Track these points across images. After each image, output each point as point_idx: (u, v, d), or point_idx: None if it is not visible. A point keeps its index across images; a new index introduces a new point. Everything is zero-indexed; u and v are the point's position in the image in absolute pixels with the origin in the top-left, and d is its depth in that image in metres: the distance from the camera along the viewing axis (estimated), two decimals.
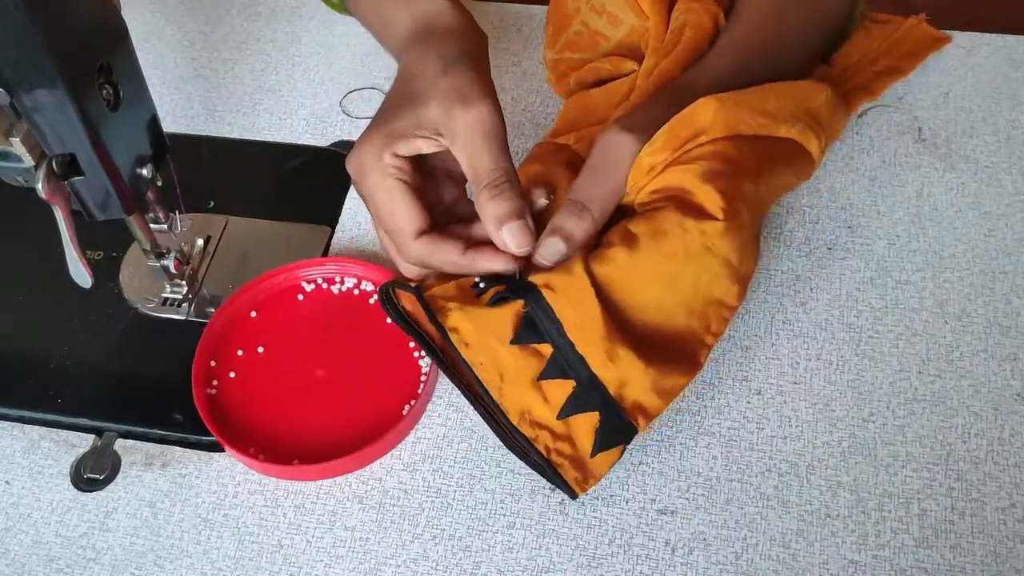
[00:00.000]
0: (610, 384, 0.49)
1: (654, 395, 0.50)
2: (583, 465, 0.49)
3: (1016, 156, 0.64)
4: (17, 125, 0.44)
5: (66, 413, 0.56)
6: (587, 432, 0.49)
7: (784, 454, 0.52)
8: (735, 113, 0.51)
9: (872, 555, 0.49)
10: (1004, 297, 0.57)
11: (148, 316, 0.59)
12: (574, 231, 0.50)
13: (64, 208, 0.48)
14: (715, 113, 0.51)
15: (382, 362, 0.56)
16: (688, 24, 0.58)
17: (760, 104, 0.52)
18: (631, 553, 0.50)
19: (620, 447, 0.50)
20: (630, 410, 0.49)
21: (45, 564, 0.51)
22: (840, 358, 0.56)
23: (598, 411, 0.49)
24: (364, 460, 0.53)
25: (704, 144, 0.51)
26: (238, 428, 0.54)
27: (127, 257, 0.62)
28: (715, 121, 0.51)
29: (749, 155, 0.52)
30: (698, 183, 0.50)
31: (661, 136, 0.51)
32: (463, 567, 0.50)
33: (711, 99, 0.51)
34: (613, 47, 0.63)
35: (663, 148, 0.51)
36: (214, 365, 0.56)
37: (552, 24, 0.65)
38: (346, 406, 0.55)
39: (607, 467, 0.50)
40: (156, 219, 0.57)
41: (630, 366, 0.49)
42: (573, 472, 0.49)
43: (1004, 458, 0.52)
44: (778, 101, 0.53)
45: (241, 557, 0.51)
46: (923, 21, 0.68)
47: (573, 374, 0.49)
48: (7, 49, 0.40)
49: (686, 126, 0.51)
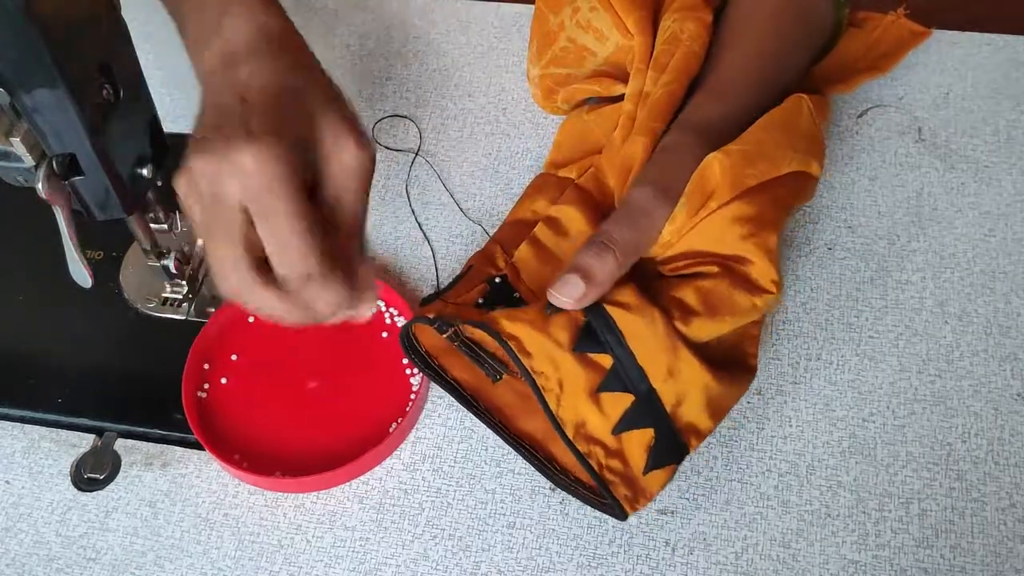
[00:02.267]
0: (667, 401, 0.48)
1: (707, 415, 0.49)
2: (635, 483, 0.49)
3: (1016, 156, 0.64)
4: (17, 125, 0.44)
5: (66, 413, 0.56)
6: (640, 449, 0.48)
7: (784, 454, 0.52)
8: (736, 168, 0.50)
9: (872, 555, 0.49)
10: (1004, 297, 0.57)
11: (148, 316, 0.59)
12: (595, 270, 0.48)
13: (64, 208, 0.48)
14: (721, 175, 0.50)
15: (374, 377, 0.56)
16: (684, 33, 0.57)
17: (756, 150, 0.52)
18: (631, 553, 0.50)
19: (672, 467, 0.49)
20: (684, 429, 0.49)
21: (45, 564, 0.51)
22: (840, 358, 0.56)
23: (653, 428, 0.48)
24: (344, 477, 0.53)
25: (717, 210, 0.50)
26: (225, 434, 0.54)
27: (127, 257, 0.62)
28: (722, 181, 0.50)
29: (765, 208, 0.51)
30: (742, 245, 0.50)
31: (681, 210, 0.50)
32: (463, 567, 0.50)
33: (717, 157, 0.50)
34: (601, 63, 0.62)
35: (685, 221, 0.50)
36: (207, 368, 0.56)
37: (536, 40, 0.64)
38: (334, 420, 0.54)
39: (659, 487, 0.49)
40: (156, 219, 0.57)
41: (691, 378, 0.48)
42: (624, 490, 0.48)
43: (1004, 458, 0.52)
44: (772, 137, 0.53)
45: (241, 557, 0.51)
46: (901, 16, 0.67)
47: (632, 388, 0.48)
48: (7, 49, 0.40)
49: (700, 191, 0.50)
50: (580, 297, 0.47)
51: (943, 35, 0.70)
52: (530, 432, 0.52)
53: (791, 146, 0.53)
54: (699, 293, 0.49)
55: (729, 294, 0.49)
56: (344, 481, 0.53)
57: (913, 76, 0.68)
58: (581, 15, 0.61)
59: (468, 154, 0.66)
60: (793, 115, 0.55)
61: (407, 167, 0.66)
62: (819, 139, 0.55)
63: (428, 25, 0.74)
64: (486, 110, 0.69)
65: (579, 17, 0.61)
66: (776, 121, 0.54)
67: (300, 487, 0.52)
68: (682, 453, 0.49)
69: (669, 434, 0.48)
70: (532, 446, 0.52)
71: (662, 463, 0.49)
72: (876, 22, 0.67)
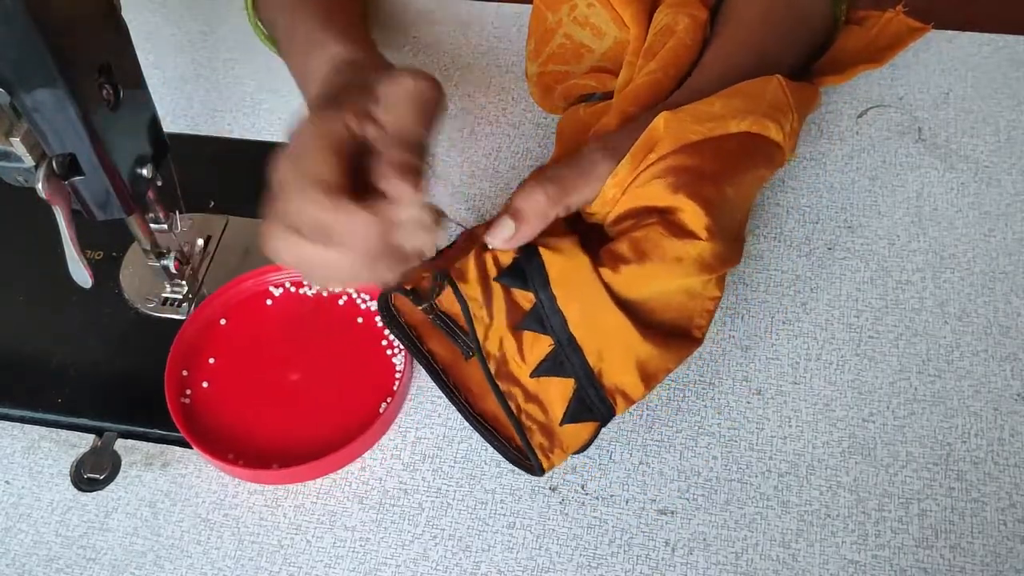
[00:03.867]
0: (588, 352, 0.48)
1: (636, 378, 0.49)
2: (552, 434, 0.49)
3: (1016, 156, 0.64)
4: (17, 125, 0.44)
5: (66, 413, 0.56)
6: (560, 400, 0.49)
7: (784, 454, 0.52)
8: (682, 124, 0.50)
9: (872, 555, 0.49)
10: (1004, 297, 0.57)
11: (148, 316, 0.59)
12: (524, 208, 0.48)
13: (64, 208, 0.48)
14: (664, 127, 0.50)
15: (356, 362, 0.56)
16: (679, 26, 0.57)
17: (706, 109, 0.52)
18: (631, 553, 0.50)
19: (594, 424, 0.49)
20: (610, 389, 0.49)
21: (45, 564, 0.51)
22: (840, 358, 0.56)
23: (574, 379, 0.48)
24: (349, 457, 0.53)
25: (657, 161, 0.50)
26: (216, 435, 0.54)
27: (127, 257, 0.62)
28: (665, 135, 0.50)
29: (705, 161, 0.51)
30: (672, 196, 0.49)
31: (625, 164, 0.50)
32: (463, 567, 0.50)
33: (664, 114, 0.51)
34: (598, 59, 0.62)
35: (627, 175, 0.50)
36: (186, 375, 0.56)
37: (534, 38, 0.64)
38: (324, 409, 0.55)
39: (577, 443, 0.50)
40: (156, 219, 0.57)
41: (615, 333, 0.48)
42: (540, 438, 0.49)
43: (1004, 458, 0.52)
44: (725, 102, 0.53)
45: (241, 557, 0.51)
46: (900, 13, 0.68)
47: (552, 332, 0.48)
48: (7, 49, 0.40)
49: (645, 147, 0.51)
50: (510, 237, 0.47)
51: (943, 35, 0.70)
52: (493, 412, 0.53)
53: (748, 110, 0.52)
54: (631, 242, 0.49)
55: (658, 240, 0.48)
56: (347, 463, 0.53)
57: (913, 76, 0.68)
58: (579, 11, 0.61)
59: (468, 154, 0.66)
60: (759, 86, 0.54)
61: None
62: (786, 109, 0.54)
63: (428, 25, 0.74)
64: (486, 110, 0.69)
65: (576, 14, 0.62)
66: (740, 89, 0.54)
67: (302, 475, 0.52)
68: (606, 414, 0.49)
69: (591, 389, 0.48)
70: (494, 427, 0.52)
71: (580, 418, 0.49)
72: (875, 20, 0.68)
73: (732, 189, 0.51)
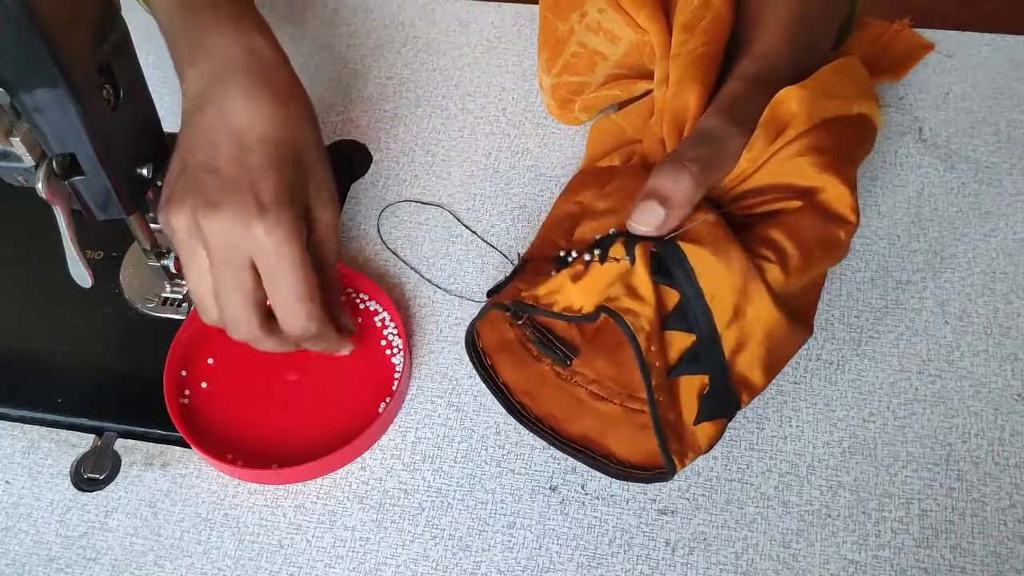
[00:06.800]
0: (727, 345, 0.46)
1: (761, 370, 0.47)
2: (684, 436, 0.47)
3: (1016, 156, 0.64)
4: (17, 125, 0.44)
5: (66, 413, 0.56)
6: (693, 397, 0.47)
7: (784, 454, 0.52)
8: (815, 100, 0.49)
9: (872, 555, 0.49)
10: (1004, 297, 0.57)
11: (148, 316, 0.59)
12: (672, 192, 0.44)
13: (64, 208, 0.48)
14: (799, 104, 0.48)
15: (356, 361, 0.56)
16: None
17: (831, 89, 0.50)
18: (631, 553, 0.50)
19: (722, 422, 0.48)
20: (737, 382, 0.47)
21: (45, 564, 0.51)
22: (840, 358, 0.56)
23: (708, 374, 0.46)
24: (349, 456, 0.53)
25: (797, 138, 0.48)
26: (216, 436, 0.54)
27: (127, 257, 0.62)
28: (799, 112, 0.48)
29: (842, 140, 0.49)
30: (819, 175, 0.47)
31: (758, 139, 0.48)
32: (463, 567, 0.50)
33: (790, 89, 0.49)
34: (612, 67, 0.61)
35: (761, 151, 0.48)
36: (185, 375, 0.56)
37: (547, 48, 0.63)
38: (323, 409, 0.55)
39: (707, 442, 0.48)
40: (156, 219, 0.57)
41: (758, 316, 0.45)
42: (674, 443, 0.47)
43: (1004, 458, 0.52)
44: (841, 80, 0.51)
45: (241, 557, 0.51)
46: (906, 26, 0.68)
47: (696, 328, 0.45)
48: (7, 49, 0.40)
49: (774, 122, 0.49)
50: (660, 223, 0.45)
51: (943, 35, 0.70)
52: (583, 433, 0.52)
53: (858, 93, 0.52)
54: (783, 228, 0.46)
55: (815, 225, 0.46)
56: (346, 463, 0.53)
57: (913, 76, 0.68)
58: (590, 18, 0.60)
59: (468, 154, 0.66)
60: (851, 66, 0.53)
61: (407, 167, 0.66)
62: (874, 94, 0.53)
63: (428, 25, 0.74)
64: (486, 110, 0.69)
65: (588, 20, 0.60)
66: (840, 67, 0.52)
67: (301, 475, 0.52)
68: (733, 407, 0.48)
69: (724, 382, 0.46)
70: (587, 447, 0.51)
71: (713, 414, 0.47)
72: (883, 28, 0.68)
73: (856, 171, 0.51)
